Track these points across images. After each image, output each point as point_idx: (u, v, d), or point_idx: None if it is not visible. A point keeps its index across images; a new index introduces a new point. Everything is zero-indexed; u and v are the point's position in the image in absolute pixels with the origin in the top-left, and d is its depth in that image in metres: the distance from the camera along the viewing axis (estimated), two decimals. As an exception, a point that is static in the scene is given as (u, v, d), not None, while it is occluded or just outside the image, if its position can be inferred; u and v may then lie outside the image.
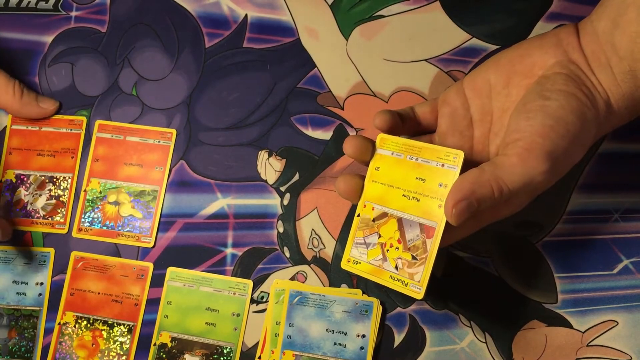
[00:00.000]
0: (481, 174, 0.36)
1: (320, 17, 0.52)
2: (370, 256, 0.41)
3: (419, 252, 0.39)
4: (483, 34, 0.50)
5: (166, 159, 0.51)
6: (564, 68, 0.39)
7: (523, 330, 0.47)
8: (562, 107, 0.37)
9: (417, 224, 0.40)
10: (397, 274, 0.40)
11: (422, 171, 0.40)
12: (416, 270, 0.39)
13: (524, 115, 0.38)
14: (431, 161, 0.40)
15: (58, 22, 0.53)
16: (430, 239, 0.39)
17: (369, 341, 0.47)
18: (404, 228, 0.40)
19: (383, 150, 0.42)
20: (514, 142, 0.37)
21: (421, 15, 0.51)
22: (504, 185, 0.36)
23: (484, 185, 0.36)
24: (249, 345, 0.48)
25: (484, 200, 0.36)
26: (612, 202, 0.48)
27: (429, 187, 0.40)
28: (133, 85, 0.52)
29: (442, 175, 0.39)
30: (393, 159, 0.41)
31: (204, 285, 0.48)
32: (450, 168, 0.39)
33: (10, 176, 0.51)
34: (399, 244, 0.40)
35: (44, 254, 0.50)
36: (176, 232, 0.50)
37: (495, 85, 0.41)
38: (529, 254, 0.48)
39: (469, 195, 0.36)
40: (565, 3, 0.50)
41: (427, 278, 0.39)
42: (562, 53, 0.39)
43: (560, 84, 0.38)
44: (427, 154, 0.40)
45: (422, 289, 0.39)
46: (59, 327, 0.49)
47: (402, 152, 0.41)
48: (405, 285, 0.39)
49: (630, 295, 0.47)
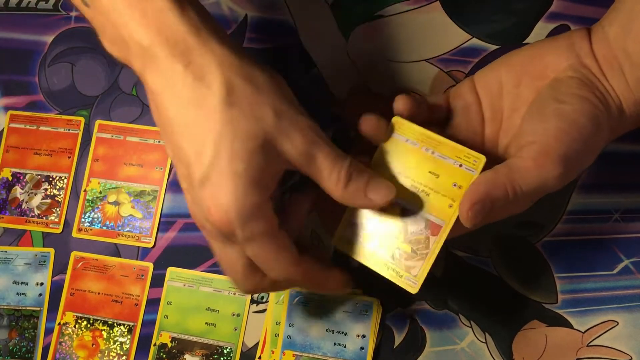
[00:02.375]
0: (496, 176, 0.36)
1: (320, 17, 0.51)
2: (365, 239, 0.40)
3: (420, 247, 0.39)
4: (483, 34, 0.50)
5: (166, 159, 0.51)
6: (577, 72, 0.39)
7: (523, 330, 0.47)
8: (576, 111, 0.37)
9: (423, 219, 0.39)
10: (392, 264, 0.39)
11: (437, 166, 0.39)
12: (414, 264, 0.39)
13: (538, 118, 0.38)
14: (449, 158, 0.39)
15: (58, 22, 0.53)
16: (435, 237, 0.39)
17: (369, 341, 0.47)
18: (407, 219, 0.39)
19: (397, 135, 0.40)
20: (528, 145, 0.37)
21: (421, 15, 0.51)
22: (518, 187, 0.36)
23: (499, 188, 0.36)
24: (249, 345, 0.48)
25: (498, 202, 0.36)
26: (612, 202, 0.48)
27: (442, 184, 0.39)
28: (133, 85, 0.52)
29: (459, 175, 0.38)
30: (407, 147, 0.40)
31: (204, 285, 0.48)
32: (469, 170, 0.38)
33: (7, 174, 0.51)
34: (399, 234, 0.39)
35: (44, 254, 0.50)
36: (176, 232, 0.50)
37: (506, 85, 0.41)
38: (529, 254, 0.48)
39: (484, 197, 0.36)
40: (565, 3, 0.50)
41: (425, 274, 0.38)
42: (574, 57, 0.39)
43: (574, 87, 0.38)
44: (445, 150, 0.39)
45: (417, 284, 0.38)
46: (59, 327, 0.49)
47: (418, 141, 0.40)
48: (400, 276, 0.39)
49: (630, 295, 0.47)
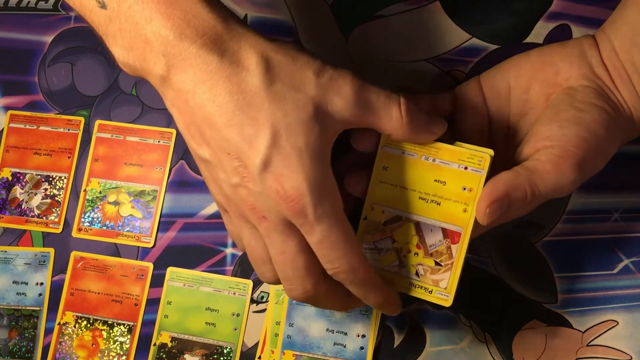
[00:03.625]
0: (516, 177, 0.37)
1: (320, 17, 0.51)
2: (384, 262, 0.39)
3: (443, 258, 0.38)
4: (483, 34, 0.50)
5: (166, 159, 0.51)
6: (591, 82, 0.39)
7: (523, 330, 0.47)
8: (596, 121, 0.38)
9: (439, 229, 0.38)
10: (418, 281, 0.39)
11: (442, 173, 0.38)
12: (441, 277, 0.38)
13: (557, 124, 0.38)
14: (452, 163, 0.38)
15: (58, 22, 0.53)
16: (456, 244, 0.38)
17: (369, 341, 0.47)
18: (423, 232, 0.39)
19: (391, 149, 0.39)
20: (545, 149, 0.37)
21: (421, 15, 0.51)
22: (536, 190, 0.37)
23: (518, 189, 0.36)
24: (249, 345, 0.48)
25: (517, 203, 0.36)
26: (612, 202, 0.48)
27: (451, 190, 0.38)
28: (133, 85, 0.52)
29: (467, 178, 0.38)
30: (405, 159, 0.39)
31: (204, 285, 0.48)
32: (475, 171, 0.38)
33: (7, 174, 0.51)
34: (419, 249, 0.39)
35: (43, 254, 0.50)
36: (176, 232, 0.50)
37: (514, 89, 0.42)
38: (529, 254, 0.48)
39: (503, 197, 0.36)
40: (565, 3, 0.50)
41: (455, 285, 0.38)
42: (586, 66, 0.40)
43: (591, 97, 0.39)
44: (446, 155, 0.38)
45: (450, 296, 0.38)
46: (59, 327, 0.49)
47: (415, 152, 0.39)
48: (429, 292, 0.38)
49: (630, 295, 0.47)
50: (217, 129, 0.34)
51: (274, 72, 0.34)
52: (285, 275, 0.37)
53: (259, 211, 0.35)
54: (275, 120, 0.33)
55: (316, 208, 0.34)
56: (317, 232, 0.35)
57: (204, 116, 0.34)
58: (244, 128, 0.33)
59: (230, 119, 0.33)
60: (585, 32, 0.49)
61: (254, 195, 0.35)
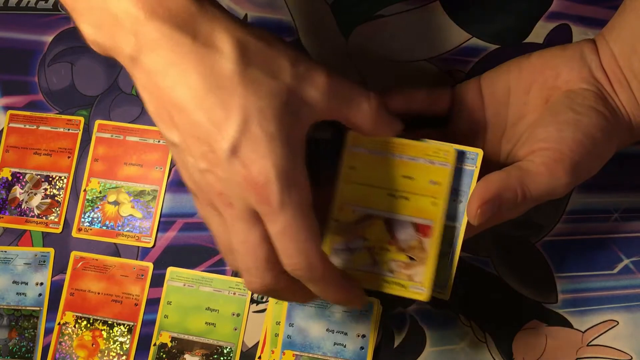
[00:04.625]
0: (508, 177, 0.37)
1: (320, 17, 0.51)
2: (357, 262, 0.39)
3: (415, 252, 0.39)
4: (483, 33, 0.50)
5: (166, 158, 0.51)
6: (591, 85, 0.39)
7: (523, 330, 0.47)
8: (594, 125, 0.38)
9: (410, 224, 0.39)
10: (392, 278, 0.39)
11: (409, 169, 0.39)
12: (415, 271, 0.38)
13: (555, 127, 0.38)
14: (419, 158, 0.39)
15: (58, 21, 0.53)
16: (427, 238, 0.38)
17: (369, 341, 0.47)
18: (394, 229, 0.39)
19: (357, 148, 0.39)
20: (540, 151, 0.37)
21: (421, 15, 0.51)
22: (527, 191, 0.36)
23: (510, 189, 0.36)
24: (249, 345, 0.48)
25: (507, 204, 0.36)
26: (612, 201, 0.48)
27: (418, 184, 0.39)
28: (133, 85, 0.52)
29: (434, 172, 0.38)
30: (371, 157, 0.39)
31: (204, 285, 0.48)
32: (442, 165, 0.38)
33: (6, 174, 0.51)
34: (391, 245, 0.39)
35: (43, 253, 0.50)
36: (176, 232, 0.50)
37: (514, 92, 0.42)
38: (529, 254, 0.48)
39: (495, 197, 0.36)
40: (565, 2, 0.50)
41: (430, 277, 0.38)
42: (586, 70, 0.40)
43: (590, 100, 0.39)
44: (413, 151, 0.39)
45: (425, 289, 0.38)
46: (58, 327, 0.49)
47: (382, 150, 0.39)
48: (404, 288, 0.38)
49: (630, 295, 0.47)
50: (186, 112, 0.32)
51: (249, 56, 0.33)
52: (245, 266, 0.35)
53: (226, 198, 0.34)
54: (248, 105, 0.32)
55: (282, 196, 0.32)
56: (279, 222, 0.33)
57: (174, 99, 0.32)
58: (214, 111, 0.32)
59: (200, 102, 0.32)
60: (585, 31, 0.49)
61: (221, 181, 0.33)
